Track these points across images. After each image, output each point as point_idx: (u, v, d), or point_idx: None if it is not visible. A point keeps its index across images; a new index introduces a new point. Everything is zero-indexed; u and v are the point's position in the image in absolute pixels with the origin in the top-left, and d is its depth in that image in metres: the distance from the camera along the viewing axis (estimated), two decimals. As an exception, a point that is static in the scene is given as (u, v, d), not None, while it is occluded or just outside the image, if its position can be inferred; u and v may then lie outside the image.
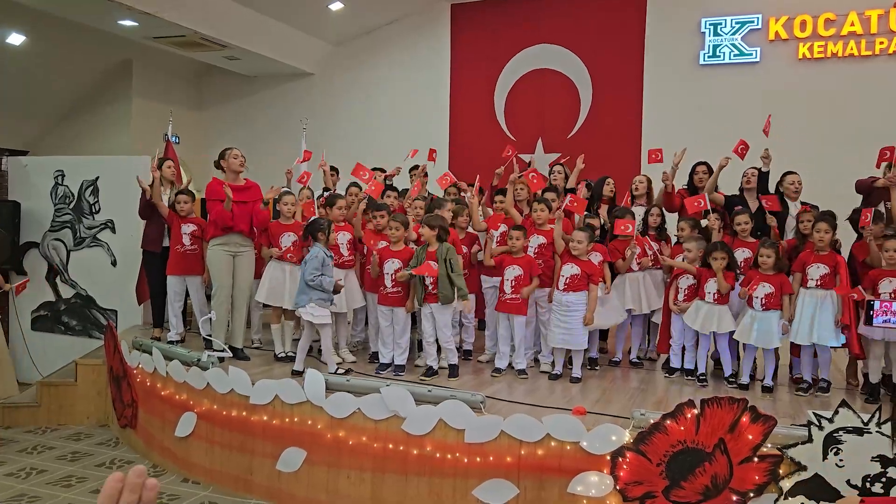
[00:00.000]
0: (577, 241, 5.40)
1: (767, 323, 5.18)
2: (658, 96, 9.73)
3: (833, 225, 5.21)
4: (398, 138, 10.01)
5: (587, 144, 9.58)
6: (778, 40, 9.14)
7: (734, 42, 9.31)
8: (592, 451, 4.06)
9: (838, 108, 8.78)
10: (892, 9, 8.62)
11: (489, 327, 6.09)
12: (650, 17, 9.75)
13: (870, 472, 3.50)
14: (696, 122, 9.22)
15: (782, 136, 8.79)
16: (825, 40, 8.94)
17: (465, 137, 10.71)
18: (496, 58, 10.67)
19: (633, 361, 6.10)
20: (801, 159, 6.59)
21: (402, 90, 11.14)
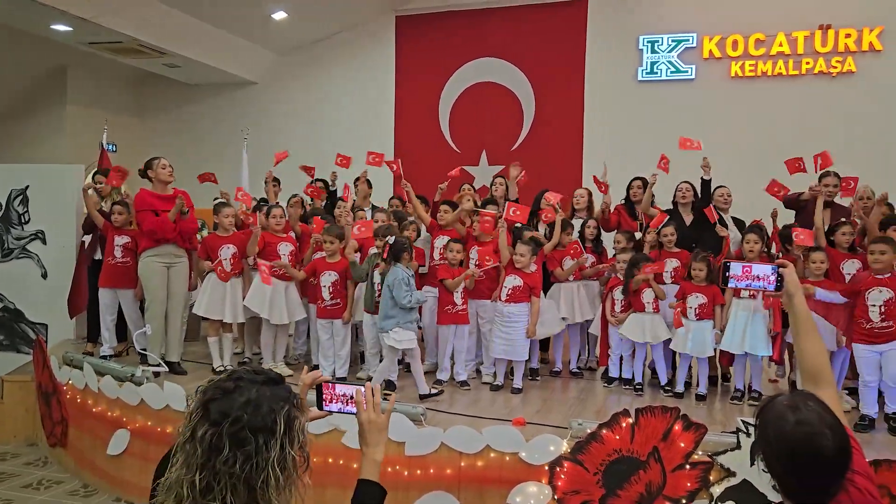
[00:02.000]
0: (521, 254, 5.46)
1: (701, 333, 5.33)
2: (598, 111, 9.95)
3: (762, 236, 5.39)
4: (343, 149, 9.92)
5: (530, 157, 9.71)
6: (712, 58, 9.47)
7: (671, 59, 9.61)
8: (531, 461, 4.10)
9: (768, 125, 9.14)
10: (818, 31, 9.03)
11: (429, 339, 6.10)
12: (590, 34, 9.98)
13: (794, 477, 3.62)
14: (635, 137, 9.46)
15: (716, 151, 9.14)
16: (756, 59, 9.31)
17: (411, 148, 10.74)
18: (441, 70, 10.75)
19: (574, 371, 6.19)
20: (733, 173, 6.82)
21: (348, 100, 11.12)
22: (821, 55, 9.07)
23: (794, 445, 1.58)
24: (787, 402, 1.63)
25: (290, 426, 1.55)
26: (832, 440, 1.56)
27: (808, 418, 1.59)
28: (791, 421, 1.59)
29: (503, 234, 5.68)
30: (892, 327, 4.60)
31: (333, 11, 10.53)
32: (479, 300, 5.79)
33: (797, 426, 1.58)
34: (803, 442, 1.57)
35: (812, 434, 1.57)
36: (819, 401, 1.65)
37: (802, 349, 2.04)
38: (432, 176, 7.13)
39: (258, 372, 1.62)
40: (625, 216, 6.29)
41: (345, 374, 5.57)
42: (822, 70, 9.06)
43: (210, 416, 1.51)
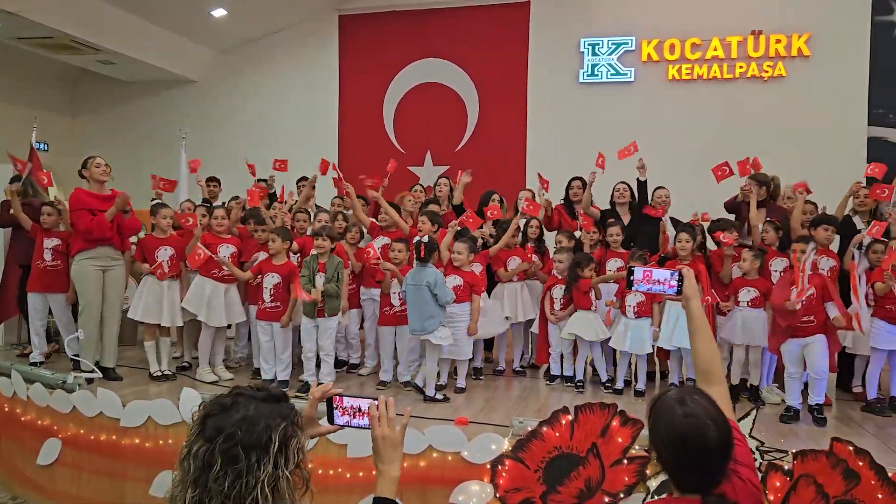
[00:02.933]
0: (458, 252, 5.48)
1: (640, 330, 5.45)
2: (541, 112, 10.07)
3: (693, 235, 5.54)
4: (286, 148, 9.83)
5: (474, 158, 9.79)
6: (650, 62, 9.69)
7: (611, 62, 9.79)
8: (473, 460, 4.13)
9: (704, 127, 9.39)
10: (750, 36, 9.33)
11: (370, 340, 6.08)
12: (533, 36, 10.10)
13: (726, 469, 3.73)
14: (577, 138, 9.61)
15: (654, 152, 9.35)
16: (692, 63, 9.56)
17: (355, 147, 10.68)
18: (385, 69, 10.72)
19: (517, 370, 6.25)
20: (670, 174, 6.98)
21: (290, 99, 10.99)
22: (753, 60, 9.37)
23: (683, 436, 1.67)
24: (675, 397, 1.73)
25: (286, 444, 1.52)
26: (716, 431, 1.66)
27: (695, 411, 1.68)
28: (679, 413, 1.69)
29: (449, 235, 5.69)
30: (815, 321, 4.79)
31: (275, 9, 10.39)
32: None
33: (684, 418, 1.68)
34: (690, 432, 1.66)
35: (698, 425, 1.66)
36: (705, 395, 1.75)
37: (697, 350, 2.14)
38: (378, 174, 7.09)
39: (260, 388, 1.59)
40: (565, 216, 6.38)
41: (287, 378, 5.49)
42: (754, 74, 9.37)
43: (205, 432, 1.48)
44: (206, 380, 5.66)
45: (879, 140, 9.17)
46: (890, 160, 8.18)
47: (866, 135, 9.17)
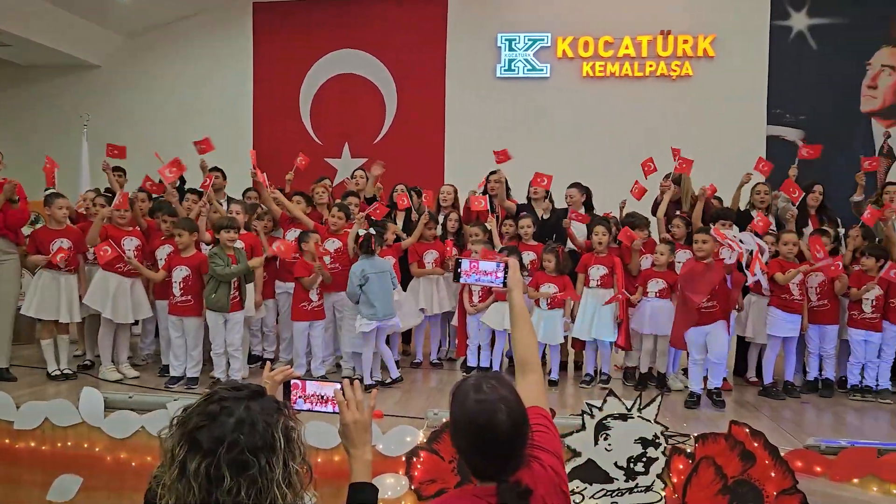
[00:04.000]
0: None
1: (552, 321, 5.56)
2: (459, 105, 10.11)
3: (608, 228, 5.70)
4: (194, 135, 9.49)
5: (393, 151, 9.74)
6: (565, 58, 9.88)
7: (527, 58, 9.93)
8: (388, 453, 4.11)
9: (617, 123, 9.65)
10: (659, 36, 9.65)
11: (285, 335, 5.97)
12: (451, 29, 10.11)
13: (633, 454, 3.86)
14: (495, 132, 9.67)
15: (568, 148, 9.58)
16: (605, 61, 9.81)
17: (271, 139, 10.41)
18: (302, 59, 10.50)
19: (434, 362, 6.27)
20: (585, 171, 7.13)
21: (202, 87, 10.60)
22: (662, 59, 9.69)
23: (474, 421, 1.66)
24: (473, 383, 1.73)
25: (290, 439, 1.45)
26: (507, 416, 1.65)
27: (487, 396, 1.67)
28: (472, 399, 1.68)
29: (355, 227, 5.64)
30: (716, 308, 5.02)
31: (185, -7, 10.01)
32: (335, 293, 5.72)
33: (476, 404, 1.67)
34: (481, 418, 1.65)
35: (488, 410, 1.65)
36: (504, 382, 1.74)
37: (516, 339, 2.15)
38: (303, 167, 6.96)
39: (238, 387, 1.49)
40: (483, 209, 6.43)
41: (196, 375, 5.32)
42: (663, 73, 9.69)
43: (201, 445, 1.37)
44: (109, 378, 5.42)
45: (777, 138, 9.67)
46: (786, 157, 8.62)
47: (765, 133, 9.66)
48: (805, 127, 9.66)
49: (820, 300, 5.54)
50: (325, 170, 9.54)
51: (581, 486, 3.90)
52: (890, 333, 5.44)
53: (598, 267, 5.60)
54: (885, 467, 3.74)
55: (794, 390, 5.51)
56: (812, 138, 9.58)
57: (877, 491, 3.72)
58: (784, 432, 4.48)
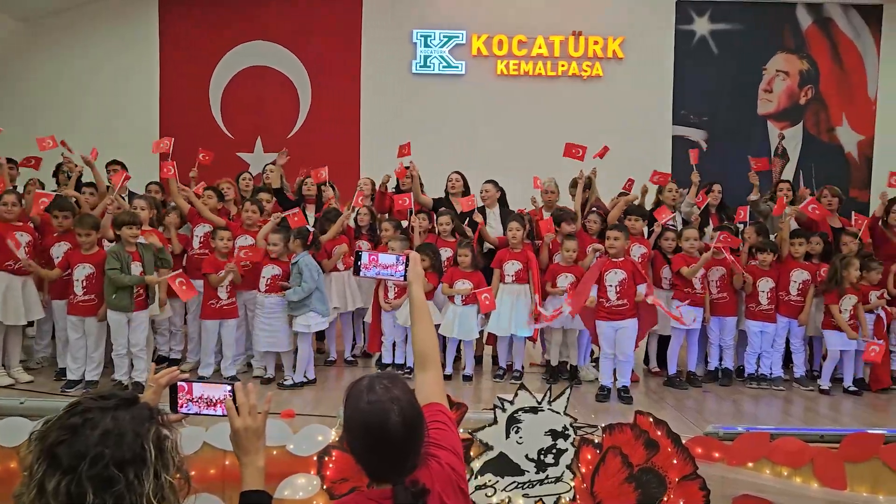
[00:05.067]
0: (273, 243, 5.35)
1: (467, 317, 5.59)
2: (375, 100, 10.04)
3: (523, 224, 5.77)
4: (97, 129, 9.11)
5: (307, 145, 9.58)
6: (480, 56, 9.96)
7: (442, 55, 9.95)
8: (299, 453, 4.05)
9: (531, 122, 9.81)
10: (571, 37, 9.87)
11: (193, 334, 5.78)
12: (366, 24, 10.02)
13: (543, 446, 3.93)
14: (411, 128, 9.63)
15: (484, 146, 9.67)
16: (519, 59, 9.95)
17: (179, 132, 9.88)
18: (211, 50, 10.17)
19: (348, 360, 6.20)
20: (498, 166, 7.21)
21: (104, 76, 10.09)
22: (574, 59, 9.92)
23: (364, 421, 1.65)
24: (366, 384, 1.71)
25: (162, 449, 1.35)
26: (399, 415, 1.64)
27: (380, 397, 1.66)
28: (364, 400, 1.66)
29: (269, 225, 5.52)
30: (627, 305, 5.17)
31: (85, -23, 9.52)
32: (247, 291, 5.57)
33: (368, 404, 1.65)
34: (372, 417, 1.64)
35: (380, 410, 1.63)
36: (397, 381, 1.72)
37: (415, 334, 2.13)
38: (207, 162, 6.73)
39: (106, 396, 1.37)
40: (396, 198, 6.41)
41: (97, 378, 5.07)
42: (575, 73, 9.92)
43: (60, 462, 1.26)
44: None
45: (682, 138, 10.07)
46: (690, 156, 8.95)
47: (671, 133, 10.03)
48: (707, 128, 10.09)
49: (720, 293, 5.79)
50: (237, 164, 9.29)
51: (493, 479, 3.95)
52: (782, 324, 5.75)
53: (513, 262, 5.67)
54: (776, 451, 3.95)
55: (697, 380, 5.75)
56: (714, 139, 10.05)
57: (769, 473, 3.93)
58: (687, 420, 4.66)
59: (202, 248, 5.71)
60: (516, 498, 3.95)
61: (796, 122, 10.21)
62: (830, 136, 10.22)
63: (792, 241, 5.79)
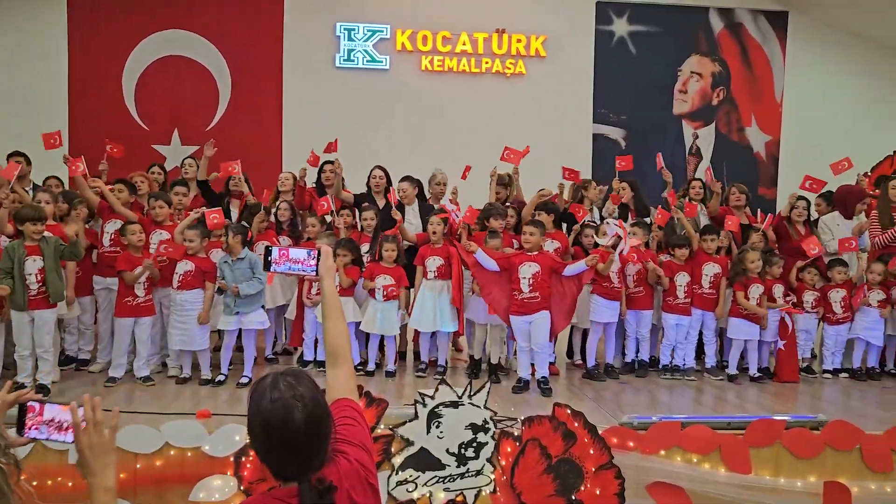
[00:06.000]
0: (189, 238, 5.21)
1: (388, 312, 5.57)
2: (298, 94, 9.87)
3: (444, 219, 5.78)
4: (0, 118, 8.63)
5: (227, 138, 9.30)
6: (404, 51, 9.93)
7: (366, 49, 9.88)
8: (215, 454, 3.94)
9: (455, 118, 9.86)
10: (495, 34, 9.97)
11: (104, 333, 5.55)
12: (288, 15, 9.85)
13: (464, 440, 3.96)
14: (335, 122, 9.55)
15: (408, 141, 9.66)
16: (443, 55, 9.98)
17: (89, 123, 9.60)
18: (125, 37, 9.76)
19: (269, 357, 6.09)
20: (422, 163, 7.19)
21: (8, 62, 9.54)
22: (498, 56, 10.02)
23: (267, 419, 1.61)
24: (269, 381, 1.67)
25: None
26: (303, 412, 1.61)
27: (282, 394, 1.63)
28: (267, 398, 1.63)
29: (188, 220, 5.35)
30: (539, 298, 5.26)
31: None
32: (162, 288, 5.39)
33: (271, 402, 1.62)
34: (274, 415, 1.60)
35: (282, 407, 1.61)
36: (302, 378, 1.69)
37: (327, 329, 2.10)
38: (117, 155, 6.46)
39: None
40: (316, 198, 6.33)
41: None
42: (498, 70, 10.03)
43: None
44: None
45: (602, 136, 10.33)
46: (610, 154, 9.21)
47: (592, 131, 10.27)
48: (626, 127, 10.38)
49: (636, 287, 5.96)
50: (153, 157, 8.95)
51: (414, 474, 3.95)
52: (696, 317, 5.97)
53: (435, 258, 5.68)
54: (686, 439, 4.10)
55: (614, 372, 5.91)
56: (632, 138, 10.33)
57: (680, 460, 4.07)
58: (604, 412, 4.78)
59: (113, 245, 5.47)
60: (437, 492, 3.96)
61: (709, 122, 10.63)
62: (740, 136, 10.69)
63: (704, 237, 6.02)
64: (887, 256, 6.09)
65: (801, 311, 6.02)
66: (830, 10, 10.32)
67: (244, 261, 5.23)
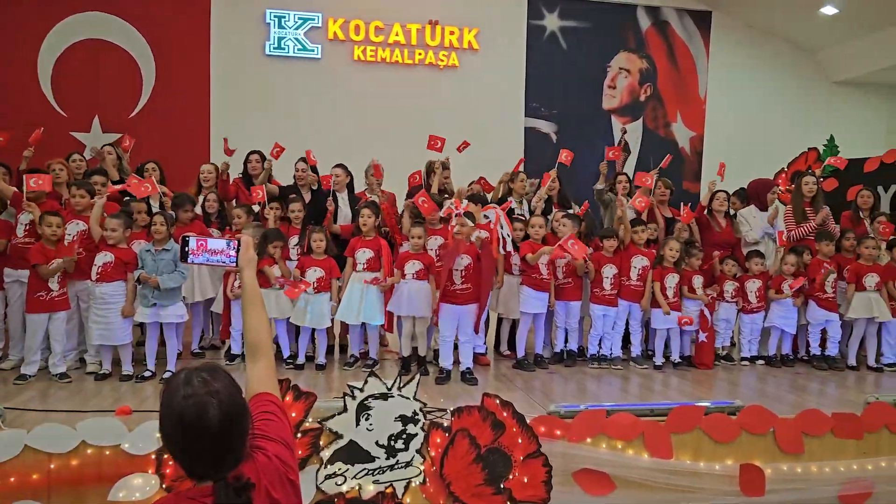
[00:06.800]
0: (112, 228, 5.03)
1: (319, 305, 5.51)
2: (226, 81, 9.64)
3: (375, 212, 5.75)
4: None
5: (152, 126, 9.08)
6: (336, 40, 9.82)
7: (297, 37, 9.71)
8: (135, 452, 3.80)
9: (388, 109, 9.80)
10: (428, 25, 9.95)
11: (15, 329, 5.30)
12: (215, 1, 9.58)
13: (393, 432, 3.95)
14: (265, 110, 9.39)
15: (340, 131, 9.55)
16: (376, 46, 9.91)
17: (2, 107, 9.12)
18: (40, 18, 9.32)
19: (195, 352, 5.94)
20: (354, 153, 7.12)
21: None
22: (431, 48, 10.02)
23: (180, 417, 1.57)
24: (183, 377, 1.63)
25: None
26: (218, 409, 1.57)
27: (196, 390, 1.59)
28: (180, 395, 1.59)
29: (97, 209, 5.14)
30: (470, 289, 5.29)
31: None
32: (80, 281, 5.18)
33: (183, 399, 1.58)
34: (187, 412, 1.56)
35: (196, 403, 1.57)
36: (218, 374, 1.65)
37: (246, 322, 2.06)
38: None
39: None
40: (242, 189, 6.20)
41: None
42: (431, 62, 10.03)
43: None
44: None
45: (534, 130, 10.45)
46: (541, 148, 9.36)
47: (524, 125, 10.39)
48: (557, 121, 10.54)
49: (566, 279, 6.06)
50: (72, 145, 8.59)
51: (343, 467, 3.91)
52: (623, 308, 6.11)
53: (365, 250, 5.63)
54: (611, 426, 4.20)
55: (544, 362, 6.00)
56: (563, 132, 10.51)
57: (605, 447, 4.17)
58: (533, 401, 4.85)
59: (28, 237, 5.21)
60: (366, 485, 3.94)
61: (637, 118, 10.90)
62: (667, 132, 11.01)
63: (634, 228, 6.17)
64: (800, 248, 6.38)
65: (713, 301, 6.23)
66: (751, 12, 10.72)
67: (169, 252, 5.07)
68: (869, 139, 10.76)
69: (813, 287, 6.26)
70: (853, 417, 4.47)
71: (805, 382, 5.81)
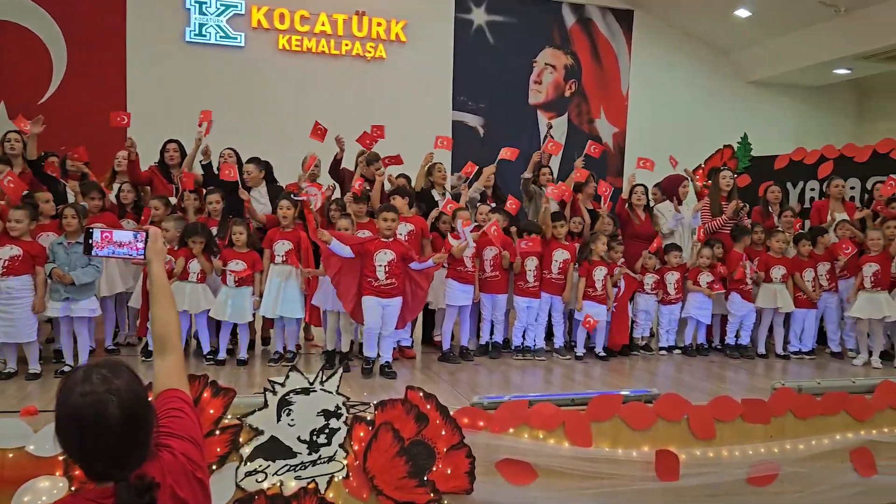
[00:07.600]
0: (16, 220, 4.79)
1: (241, 298, 5.39)
2: (143, 69, 9.31)
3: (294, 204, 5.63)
4: None
5: (63, 113, 8.66)
6: (260, 29, 9.61)
7: (219, 24, 9.45)
8: (41, 453, 3.63)
9: (313, 100, 9.64)
10: (355, 16, 9.85)
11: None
12: (132, -16, 9.23)
13: (316, 426, 3.90)
14: (184, 98, 9.09)
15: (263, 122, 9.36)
16: (302, 35, 9.75)
17: None
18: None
19: (110, 348, 5.73)
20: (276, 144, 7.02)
21: None
22: (358, 39, 9.93)
23: (77, 415, 1.50)
24: (81, 374, 1.56)
25: None
26: (118, 407, 1.52)
27: (95, 388, 1.52)
28: (77, 392, 1.52)
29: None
30: (395, 284, 5.27)
31: None
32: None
33: (81, 397, 1.51)
34: (85, 410, 1.50)
35: (94, 402, 1.50)
36: (119, 370, 1.59)
37: (154, 316, 1.99)
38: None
39: None
40: (158, 176, 5.99)
41: None
42: (358, 53, 9.94)
43: None
44: None
45: (461, 124, 10.50)
46: (468, 141, 9.39)
47: (451, 118, 10.41)
48: (484, 115, 10.62)
49: (493, 272, 6.11)
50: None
51: (264, 464, 3.84)
52: (545, 300, 6.21)
53: (284, 242, 5.53)
54: (533, 416, 4.26)
55: (469, 354, 6.04)
56: (490, 126, 10.59)
57: (527, 437, 4.23)
58: (458, 393, 4.87)
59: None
60: (288, 481, 3.88)
61: (562, 113, 11.09)
62: (591, 128, 11.24)
63: (554, 223, 6.26)
64: (713, 241, 6.63)
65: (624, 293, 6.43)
66: (671, 12, 11.05)
67: (82, 245, 4.84)
68: (780, 137, 11.26)
69: (735, 282, 6.49)
70: (761, 403, 4.67)
71: (719, 371, 6.05)
